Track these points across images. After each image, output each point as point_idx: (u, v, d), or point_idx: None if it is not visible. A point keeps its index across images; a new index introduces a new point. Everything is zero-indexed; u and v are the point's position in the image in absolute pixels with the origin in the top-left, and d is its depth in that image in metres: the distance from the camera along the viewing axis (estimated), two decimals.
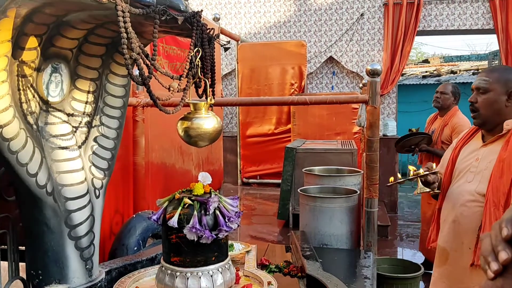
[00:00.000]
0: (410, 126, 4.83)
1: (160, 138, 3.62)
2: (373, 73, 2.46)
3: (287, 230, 4.64)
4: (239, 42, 6.94)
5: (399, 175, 2.24)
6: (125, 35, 1.21)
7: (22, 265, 1.86)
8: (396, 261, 3.63)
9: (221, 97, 6.21)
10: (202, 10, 1.51)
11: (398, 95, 7.55)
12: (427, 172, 1.96)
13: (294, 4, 7.57)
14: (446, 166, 2.09)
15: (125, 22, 1.20)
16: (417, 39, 8.77)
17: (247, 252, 2.06)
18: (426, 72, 12.93)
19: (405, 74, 12.45)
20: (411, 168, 2.03)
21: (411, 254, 5.04)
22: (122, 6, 1.20)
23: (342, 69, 7.53)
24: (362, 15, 7.28)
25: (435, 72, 12.73)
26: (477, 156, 1.91)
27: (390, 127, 6.74)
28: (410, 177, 1.99)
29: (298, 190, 2.79)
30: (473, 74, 11.87)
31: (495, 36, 6.81)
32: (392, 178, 2.14)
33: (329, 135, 6.27)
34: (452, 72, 12.64)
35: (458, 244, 1.90)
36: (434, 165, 2.01)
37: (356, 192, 2.73)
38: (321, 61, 7.49)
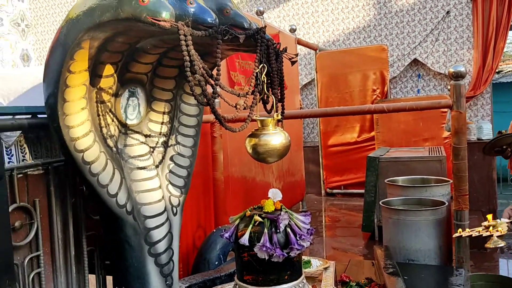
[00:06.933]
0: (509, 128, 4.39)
1: (239, 152, 3.66)
2: (456, 76, 2.29)
3: (372, 243, 4.45)
4: (318, 51, 6.86)
5: (467, 230, 2.02)
6: (187, 58, 1.24)
7: (109, 278, 1.97)
8: (494, 278, 3.28)
9: (300, 107, 6.17)
10: (265, 26, 1.50)
11: (493, 95, 6.97)
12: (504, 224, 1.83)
13: (374, 8, 7.35)
14: None
15: (187, 46, 1.23)
16: None
17: (325, 268, 2.00)
18: None
19: (502, 71, 11.50)
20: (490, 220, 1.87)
21: None
22: (184, 30, 1.23)
23: (428, 71, 7.13)
24: (448, 12, 6.86)
25: None
26: None
27: (485, 130, 6.24)
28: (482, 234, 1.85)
29: (380, 203, 2.67)
30: None
31: None
32: (460, 230, 2.01)
33: (416, 141, 5.94)
34: None
35: None
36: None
37: (444, 203, 2.54)
38: (404, 65, 7.16)
